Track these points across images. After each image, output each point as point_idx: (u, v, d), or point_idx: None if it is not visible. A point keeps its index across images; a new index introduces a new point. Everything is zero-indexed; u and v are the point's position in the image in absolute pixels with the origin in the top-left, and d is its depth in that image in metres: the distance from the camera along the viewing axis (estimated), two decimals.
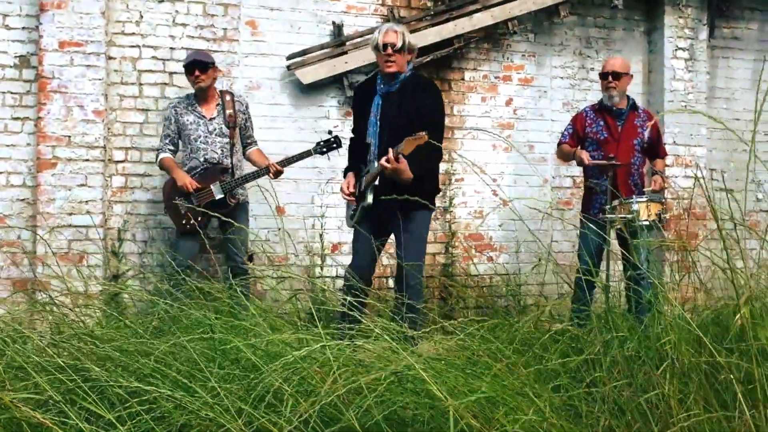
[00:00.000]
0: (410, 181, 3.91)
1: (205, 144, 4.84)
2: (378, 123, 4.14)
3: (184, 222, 4.75)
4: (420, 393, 1.85)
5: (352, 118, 4.54)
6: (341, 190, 4.30)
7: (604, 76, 4.97)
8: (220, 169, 4.84)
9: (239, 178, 4.86)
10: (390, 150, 3.84)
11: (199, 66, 4.80)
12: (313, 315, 4.24)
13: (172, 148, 4.92)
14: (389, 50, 4.07)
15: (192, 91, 4.97)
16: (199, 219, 4.65)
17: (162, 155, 4.90)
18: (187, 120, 4.86)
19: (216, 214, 4.41)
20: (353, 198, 4.23)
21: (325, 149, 4.95)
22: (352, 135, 4.49)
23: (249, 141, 5.08)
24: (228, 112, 4.88)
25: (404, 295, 3.77)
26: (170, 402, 1.81)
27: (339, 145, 4.96)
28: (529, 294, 5.33)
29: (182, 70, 5.26)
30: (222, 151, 4.86)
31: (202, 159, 4.84)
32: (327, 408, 1.71)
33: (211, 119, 4.88)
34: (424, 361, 1.87)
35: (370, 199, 4.09)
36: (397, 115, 4.07)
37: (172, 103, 5.02)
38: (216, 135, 4.86)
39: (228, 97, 4.94)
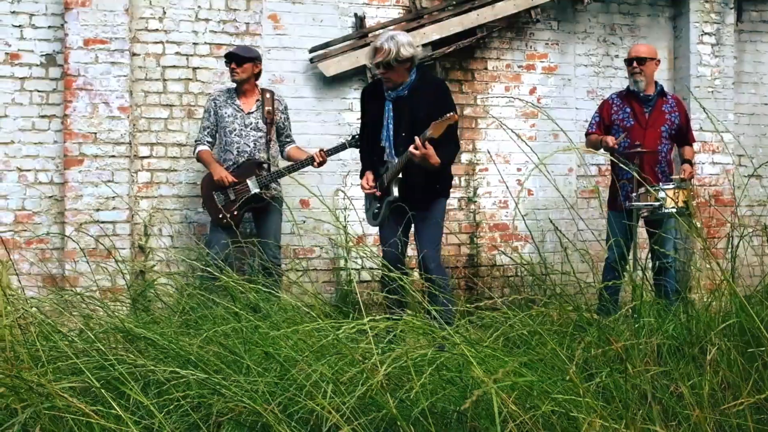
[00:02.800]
0: (437, 166, 3.98)
1: (239, 137, 4.87)
2: (392, 127, 4.16)
3: (221, 216, 4.78)
4: (456, 383, 1.84)
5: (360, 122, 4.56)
6: (362, 186, 4.33)
7: (628, 62, 4.91)
8: (256, 163, 4.86)
9: (275, 172, 4.89)
10: (416, 138, 3.89)
11: (234, 59, 4.86)
12: (339, 308, 4.26)
13: (210, 140, 4.95)
14: (381, 69, 4.05)
15: (234, 85, 5.00)
16: (235, 213, 4.75)
17: (200, 147, 4.92)
18: (226, 113, 4.89)
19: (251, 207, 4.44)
20: (375, 190, 4.24)
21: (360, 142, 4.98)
22: (360, 134, 4.55)
23: (288, 140, 5.12)
24: (267, 108, 4.92)
25: (429, 279, 3.87)
26: (206, 388, 1.82)
27: None
28: (555, 284, 5.29)
29: (205, 65, 5.31)
30: (255, 144, 4.89)
31: (235, 152, 4.87)
32: (371, 396, 1.71)
33: (249, 113, 4.91)
34: (464, 342, 1.86)
35: (396, 192, 4.14)
36: (412, 117, 4.09)
37: (212, 95, 5.04)
38: (251, 129, 4.89)
39: (268, 95, 4.98)
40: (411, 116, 4.08)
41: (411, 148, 3.91)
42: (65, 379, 1.86)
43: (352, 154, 5.69)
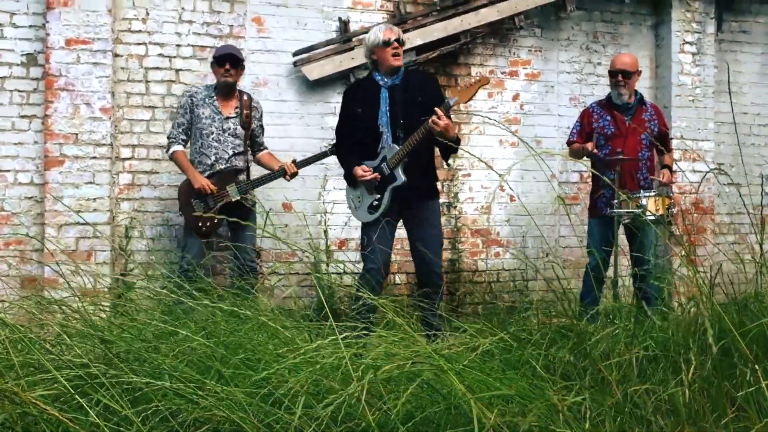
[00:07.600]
0: (455, 138, 4.07)
1: (218, 143, 4.78)
2: (388, 113, 4.20)
3: (200, 224, 4.73)
4: (434, 396, 1.84)
5: (339, 119, 4.45)
6: (358, 176, 4.18)
7: (613, 74, 4.91)
8: (234, 170, 4.81)
9: (255, 180, 4.85)
10: (436, 109, 3.95)
11: (231, 60, 4.78)
12: (319, 312, 4.25)
13: (184, 138, 4.83)
14: (396, 44, 4.19)
15: (212, 82, 4.94)
16: (215, 221, 4.68)
17: (175, 147, 4.80)
18: (203, 113, 4.79)
19: (233, 218, 4.35)
20: (377, 175, 4.15)
21: None
22: (339, 136, 4.43)
23: (260, 145, 5.07)
24: (245, 112, 4.86)
25: (428, 285, 4.02)
26: (181, 398, 1.81)
27: None
28: (535, 290, 5.32)
29: (188, 66, 5.27)
30: (233, 151, 4.81)
31: (213, 157, 4.77)
32: (349, 406, 1.70)
33: (227, 118, 4.82)
34: (443, 357, 1.86)
35: (402, 176, 4.11)
36: (409, 103, 4.16)
37: (189, 91, 4.93)
38: (229, 135, 4.81)
39: (246, 97, 4.91)
40: (408, 102, 4.16)
41: (432, 119, 3.94)
42: (39, 386, 1.84)
43: (335, 159, 5.67)
